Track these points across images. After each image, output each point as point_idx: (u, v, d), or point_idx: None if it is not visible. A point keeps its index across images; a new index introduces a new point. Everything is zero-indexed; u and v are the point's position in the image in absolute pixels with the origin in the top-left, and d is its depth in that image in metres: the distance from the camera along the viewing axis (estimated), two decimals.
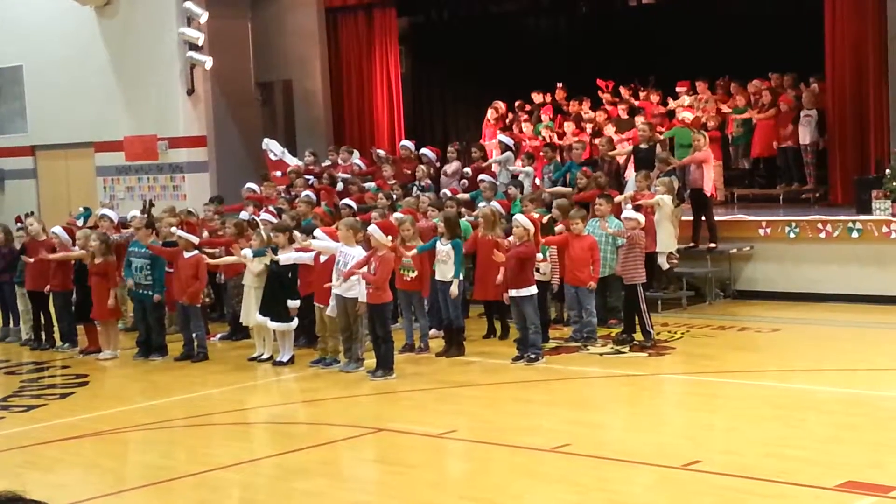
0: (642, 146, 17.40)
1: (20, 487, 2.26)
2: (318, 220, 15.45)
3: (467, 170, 18.57)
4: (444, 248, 13.68)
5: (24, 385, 13.64)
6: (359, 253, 12.68)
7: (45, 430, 11.05)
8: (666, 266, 15.54)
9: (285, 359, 13.60)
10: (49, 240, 15.57)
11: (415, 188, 17.75)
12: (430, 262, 13.98)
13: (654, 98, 20.17)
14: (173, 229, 14.72)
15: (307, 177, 19.22)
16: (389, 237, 12.96)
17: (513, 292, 12.91)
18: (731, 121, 19.49)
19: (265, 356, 13.90)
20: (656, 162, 16.43)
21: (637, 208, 14.44)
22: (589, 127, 19.98)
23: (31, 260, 15.35)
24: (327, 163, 20.24)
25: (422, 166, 18.43)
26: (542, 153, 18.49)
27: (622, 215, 13.98)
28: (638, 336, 13.58)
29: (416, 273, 13.53)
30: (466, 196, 17.04)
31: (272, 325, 13.57)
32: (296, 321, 13.65)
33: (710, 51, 20.32)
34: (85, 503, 8.53)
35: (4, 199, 25.22)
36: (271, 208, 17.09)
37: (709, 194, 16.53)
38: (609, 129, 19.26)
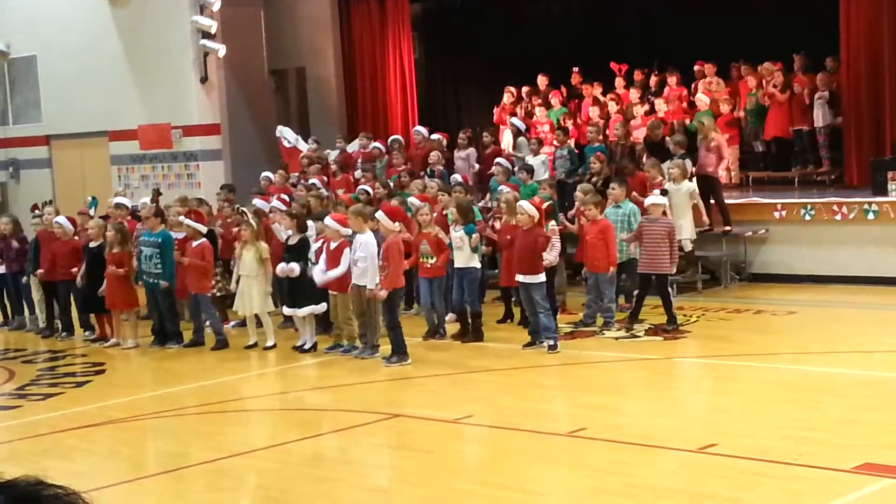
0: (654, 140, 17.36)
1: (41, 474, 2.26)
2: (344, 206, 15.34)
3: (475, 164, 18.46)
4: (457, 234, 13.66)
5: (42, 374, 13.69)
6: (370, 238, 12.67)
7: (63, 418, 11.10)
8: (689, 248, 15.55)
9: (307, 346, 13.61)
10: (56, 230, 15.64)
11: (425, 174, 17.71)
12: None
13: (672, 80, 20.04)
14: (181, 218, 14.77)
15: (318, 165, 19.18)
16: (397, 223, 12.96)
17: (522, 278, 12.84)
18: (743, 102, 19.39)
19: (269, 344, 13.91)
20: (671, 145, 16.37)
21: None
22: (613, 109, 19.76)
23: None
24: (336, 151, 20.24)
25: (435, 152, 18.41)
26: (554, 136, 18.45)
27: (646, 202, 13.84)
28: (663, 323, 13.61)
29: (435, 259, 13.52)
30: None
31: (300, 312, 13.53)
32: (322, 306, 13.62)
33: (725, 34, 20.20)
34: (103, 490, 8.54)
35: (20, 189, 25.31)
36: (283, 196, 17.06)
37: (718, 177, 16.54)
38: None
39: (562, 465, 8.54)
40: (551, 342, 12.65)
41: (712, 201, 16.44)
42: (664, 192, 14.61)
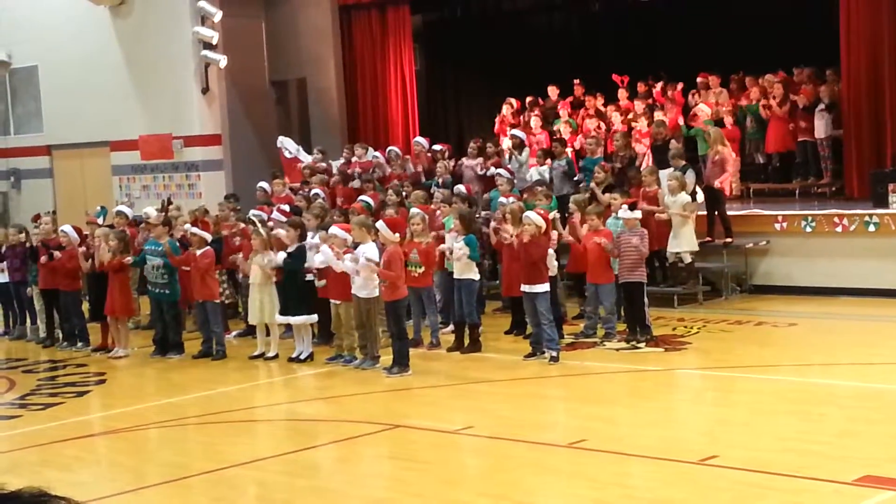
0: (658, 143, 17.37)
1: (42, 485, 2.27)
2: (356, 214, 15.33)
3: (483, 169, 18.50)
4: (458, 244, 13.66)
5: (42, 383, 13.68)
6: (372, 249, 12.68)
7: (63, 428, 11.08)
8: (688, 259, 15.55)
9: (304, 356, 13.60)
10: (57, 238, 15.61)
11: (433, 185, 17.71)
12: (440, 258, 14.01)
13: (671, 93, 20.08)
14: (187, 226, 14.81)
15: (323, 175, 19.21)
16: (397, 234, 12.97)
17: (526, 288, 12.86)
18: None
19: (270, 354, 13.92)
20: (670, 158, 16.39)
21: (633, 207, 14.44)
22: (618, 120, 19.78)
23: (43, 259, 15.42)
24: (341, 160, 20.23)
25: (444, 162, 18.41)
26: (552, 148, 18.48)
27: (619, 214, 13.88)
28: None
29: (423, 269, 13.53)
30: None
31: (291, 320, 13.56)
32: (314, 316, 13.67)
33: (725, 46, 20.26)
34: (103, 501, 8.55)
35: (21, 199, 25.33)
36: (283, 206, 17.07)
37: (722, 190, 16.55)
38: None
39: (562, 476, 8.53)
40: (553, 353, 12.64)
41: (717, 213, 16.46)
42: (632, 207, 14.56)
